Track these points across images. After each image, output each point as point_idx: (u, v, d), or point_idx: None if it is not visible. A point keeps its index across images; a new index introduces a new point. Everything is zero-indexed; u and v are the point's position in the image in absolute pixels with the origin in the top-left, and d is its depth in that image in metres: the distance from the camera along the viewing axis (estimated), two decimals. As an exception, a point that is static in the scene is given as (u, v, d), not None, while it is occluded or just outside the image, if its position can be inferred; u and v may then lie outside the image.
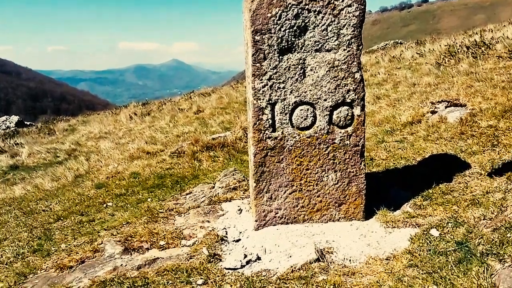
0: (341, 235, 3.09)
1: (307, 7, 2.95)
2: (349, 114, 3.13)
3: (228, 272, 2.77)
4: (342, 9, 2.98)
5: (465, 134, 4.46)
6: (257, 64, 3.01)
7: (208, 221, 3.63)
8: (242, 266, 2.81)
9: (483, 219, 2.85)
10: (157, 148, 7.30)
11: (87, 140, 11.41)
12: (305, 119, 3.11)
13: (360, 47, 3.07)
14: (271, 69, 3.02)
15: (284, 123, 3.11)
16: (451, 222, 2.90)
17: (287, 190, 3.22)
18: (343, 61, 3.06)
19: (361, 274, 2.58)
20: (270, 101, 3.07)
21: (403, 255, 2.67)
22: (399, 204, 3.38)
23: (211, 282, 2.65)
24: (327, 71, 3.06)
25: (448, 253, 2.55)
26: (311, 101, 3.09)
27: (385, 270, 2.57)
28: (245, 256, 2.88)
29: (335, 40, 3.03)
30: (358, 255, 2.81)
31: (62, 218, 4.40)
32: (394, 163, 4.28)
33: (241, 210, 3.74)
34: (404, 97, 6.96)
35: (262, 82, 3.04)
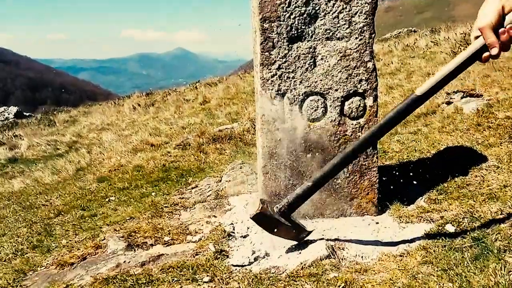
0: (352, 231, 2.99)
1: (317, -7, 2.83)
2: (361, 105, 3.02)
3: (236, 269, 2.68)
4: (354, -4, 2.85)
5: (482, 126, 4.32)
6: (266, 53, 2.89)
7: (215, 216, 3.54)
8: (250, 263, 2.71)
9: (500, 214, 2.75)
10: (161, 140, 7.19)
11: (89, 132, 11.36)
12: (315, 110, 3.00)
13: (373, 35, 2.94)
14: (280, 58, 2.90)
15: (293, 114, 2.99)
16: (467, 217, 2.80)
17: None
18: (355, 50, 2.94)
19: (374, 271, 2.49)
20: (279, 92, 2.95)
21: (417, 251, 2.57)
22: (413, 199, 3.27)
23: (218, 279, 2.56)
24: (338, 60, 2.94)
25: (464, 249, 2.45)
26: (321, 91, 2.97)
27: (398, 267, 2.47)
28: (253, 252, 2.79)
29: (347, 28, 2.91)
30: (371, 252, 2.71)
31: (62, 213, 4.30)
32: (407, 156, 4.16)
33: (249, 204, 3.63)
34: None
35: (270, 72, 2.92)
